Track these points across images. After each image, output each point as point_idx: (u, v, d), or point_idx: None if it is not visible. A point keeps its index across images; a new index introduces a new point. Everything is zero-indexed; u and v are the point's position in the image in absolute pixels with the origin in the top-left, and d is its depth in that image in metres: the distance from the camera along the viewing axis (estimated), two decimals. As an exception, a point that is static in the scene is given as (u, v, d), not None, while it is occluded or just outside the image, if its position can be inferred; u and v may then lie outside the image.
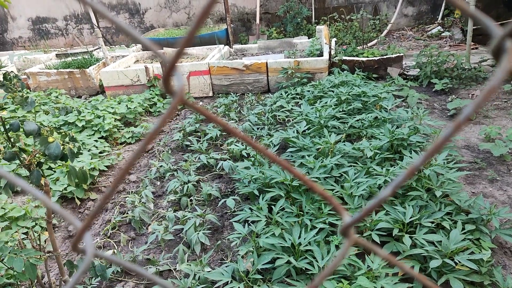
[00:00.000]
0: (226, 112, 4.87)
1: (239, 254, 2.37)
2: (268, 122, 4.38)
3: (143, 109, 5.22)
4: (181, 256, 2.49)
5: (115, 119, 4.68)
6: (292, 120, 4.24)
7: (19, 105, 1.51)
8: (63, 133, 1.75)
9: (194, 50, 7.15)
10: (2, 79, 1.55)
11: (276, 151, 3.47)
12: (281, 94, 5.04)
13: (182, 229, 2.77)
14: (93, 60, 6.66)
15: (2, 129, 1.55)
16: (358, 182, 2.72)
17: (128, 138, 4.48)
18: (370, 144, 3.14)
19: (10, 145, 1.53)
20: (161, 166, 3.66)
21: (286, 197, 2.73)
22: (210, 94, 5.89)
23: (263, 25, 9.27)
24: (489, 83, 0.29)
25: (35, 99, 4.42)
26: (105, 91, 5.94)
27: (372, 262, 2.09)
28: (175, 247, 2.64)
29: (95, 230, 2.98)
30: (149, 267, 2.48)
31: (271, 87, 5.77)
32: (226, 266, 2.28)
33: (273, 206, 2.63)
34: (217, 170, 3.59)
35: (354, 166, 2.98)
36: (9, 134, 1.54)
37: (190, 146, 4.02)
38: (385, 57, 5.68)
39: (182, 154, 4.03)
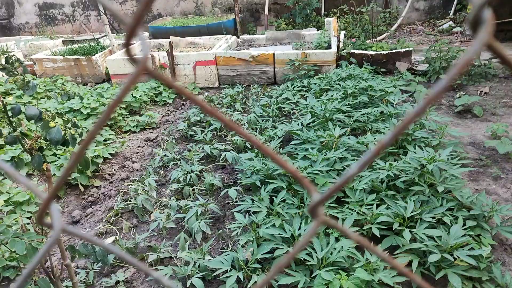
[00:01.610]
0: (232, 103, 4.87)
1: (239, 244, 2.39)
2: (273, 114, 4.37)
3: (148, 98, 5.23)
4: (182, 244, 2.51)
5: (120, 107, 4.70)
6: (298, 112, 4.22)
7: (21, 89, 1.52)
8: (66, 119, 1.76)
9: (201, 39, 7.13)
10: (4, 63, 1.56)
11: (280, 143, 3.46)
12: (288, 86, 5.01)
13: (184, 217, 2.79)
14: (99, 47, 6.67)
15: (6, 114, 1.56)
16: (360, 176, 2.71)
17: (133, 126, 4.50)
18: (375, 138, 3.13)
19: (12, 129, 1.55)
20: (165, 155, 3.67)
21: (288, 189, 2.74)
22: (216, 84, 5.89)
23: (271, 16, 9.20)
24: (465, 54, 0.29)
25: (38, 84, 4.44)
26: (111, 79, 5.95)
27: (371, 255, 2.09)
28: (177, 235, 2.66)
29: (98, 217, 3.01)
30: (150, 254, 2.51)
31: (278, 79, 5.75)
32: (226, 255, 2.30)
33: (274, 198, 2.63)
34: (220, 161, 3.60)
35: (357, 159, 2.96)
36: (11, 118, 1.55)
37: (194, 136, 4.03)
38: (394, 51, 5.61)
39: (186, 144, 4.04)
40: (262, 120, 4.21)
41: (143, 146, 4.14)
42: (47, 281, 1.83)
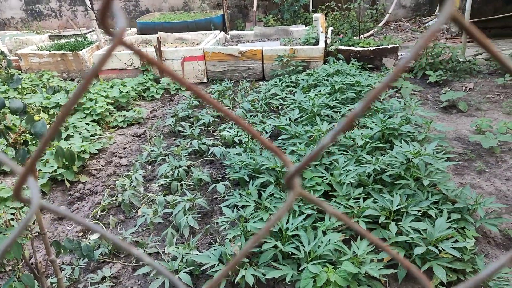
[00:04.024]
0: (220, 99, 4.85)
1: (227, 238, 2.39)
2: (262, 109, 4.37)
3: (136, 94, 5.18)
4: (170, 239, 2.50)
5: (108, 102, 4.65)
6: (286, 108, 4.23)
7: (5, 83, 1.49)
8: (51, 113, 1.74)
9: (189, 35, 7.08)
10: (-12, 56, 1.53)
11: (268, 138, 3.47)
12: (276, 82, 5.02)
13: (172, 213, 2.78)
14: (86, 43, 6.58)
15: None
16: (348, 170, 2.73)
17: (120, 122, 4.46)
18: (362, 133, 3.15)
19: (-5, 123, 1.52)
20: (152, 150, 3.65)
21: (276, 183, 2.75)
22: (205, 80, 5.86)
23: (260, 12, 9.18)
24: (432, 26, 0.29)
25: (22, 78, 4.37)
26: (98, 74, 5.88)
27: (358, 248, 2.12)
28: (164, 230, 2.65)
29: (84, 212, 2.98)
30: (138, 249, 2.49)
31: (266, 75, 5.75)
32: (214, 250, 2.30)
33: (262, 192, 2.64)
34: (208, 156, 3.59)
35: (344, 154, 2.99)
36: (-5, 111, 1.52)
37: (182, 132, 4.01)
38: (380, 47, 5.66)
39: (174, 139, 4.02)
40: (251, 116, 4.21)
41: (131, 142, 4.10)
42: (31, 277, 1.81)
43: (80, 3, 9.61)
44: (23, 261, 2.06)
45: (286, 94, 4.59)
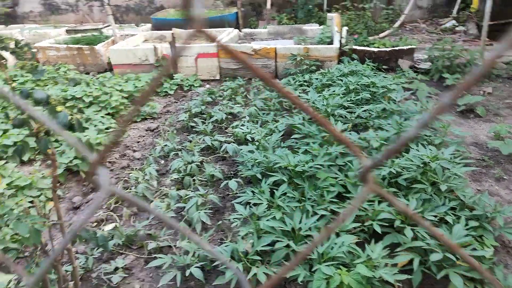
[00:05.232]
0: (233, 96, 4.85)
1: (239, 235, 2.38)
2: (274, 108, 4.35)
3: (150, 88, 5.20)
4: (182, 233, 2.51)
5: (122, 96, 4.67)
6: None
7: (29, 73, 1.50)
8: (71, 105, 1.75)
9: (204, 31, 7.08)
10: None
11: (281, 136, 3.45)
12: (289, 80, 5.00)
13: (184, 207, 2.78)
14: (102, 37, 6.62)
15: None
16: (363, 171, 2.71)
17: (134, 116, 4.47)
18: (377, 135, 3.12)
19: (19, 113, 1.53)
20: (165, 145, 3.66)
21: (289, 183, 2.73)
22: (218, 77, 5.86)
23: (274, 10, 9.15)
24: (496, 48, 0.28)
25: (45, 69, 4.41)
26: (113, 68, 5.91)
27: (372, 252, 2.09)
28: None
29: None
30: (150, 242, 2.50)
31: (279, 73, 5.73)
32: (226, 246, 2.30)
33: (275, 190, 2.63)
34: (220, 153, 3.59)
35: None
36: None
37: (195, 128, 4.02)
38: (396, 48, 5.60)
39: (187, 135, 4.03)
40: (263, 114, 4.20)
41: (144, 136, 4.12)
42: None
43: (97, -2, 9.68)
44: (40, 248, 2.08)
45: (299, 93, 4.56)
